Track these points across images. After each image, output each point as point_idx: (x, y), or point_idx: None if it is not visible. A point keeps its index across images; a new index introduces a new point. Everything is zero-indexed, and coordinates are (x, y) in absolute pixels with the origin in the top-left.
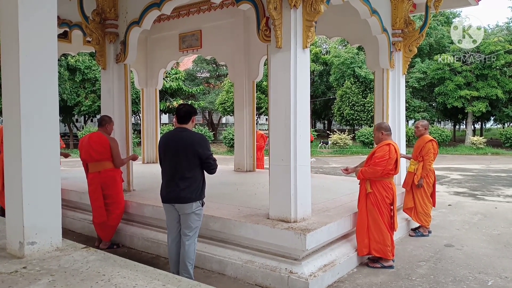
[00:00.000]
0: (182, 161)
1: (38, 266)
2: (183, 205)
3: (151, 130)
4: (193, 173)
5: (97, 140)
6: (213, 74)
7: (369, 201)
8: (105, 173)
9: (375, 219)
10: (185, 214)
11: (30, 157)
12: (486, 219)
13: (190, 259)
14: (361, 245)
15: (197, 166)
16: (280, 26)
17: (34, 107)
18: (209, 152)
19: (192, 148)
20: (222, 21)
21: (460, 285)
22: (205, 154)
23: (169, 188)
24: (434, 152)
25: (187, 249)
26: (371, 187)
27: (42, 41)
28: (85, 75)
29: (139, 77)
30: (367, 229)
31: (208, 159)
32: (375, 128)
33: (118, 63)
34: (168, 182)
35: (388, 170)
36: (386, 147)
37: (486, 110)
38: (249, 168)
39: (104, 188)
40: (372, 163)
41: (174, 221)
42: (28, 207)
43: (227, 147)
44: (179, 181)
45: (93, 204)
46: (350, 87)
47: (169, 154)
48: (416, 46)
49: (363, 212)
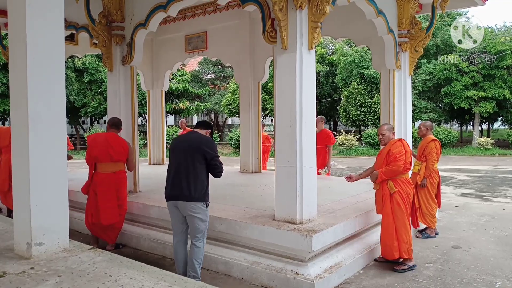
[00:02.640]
0: (188, 160)
1: (45, 267)
2: (185, 204)
3: (157, 131)
4: (197, 172)
5: (116, 140)
6: (218, 75)
7: (395, 201)
8: (120, 174)
9: (401, 220)
10: (190, 217)
11: (37, 158)
12: (494, 220)
13: (198, 258)
14: (391, 249)
15: (202, 166)
16: (285, 28)
17: (42, 108)
18: (215, 154)
19: (198, 148)
20: (228, 22)
21: (467, 287)
22: (211, 154)
23: (173, 186)
24: (437, 152)
25: (196, 249)
26: (395, 186)
27: (49, 43)
28: (92, 76)
29: (145, 78)
30: (395, 232)
31: (214, 160)
32: (384, 129)
33: (125, 65)
34: (172, 180)
35: (407, 164)
36: (398, 142)
37: (494, 111)
38: (255, 169)
39: (117, 189)
40: (392, 160)
41: (178, 222)
42: (35, 208)
43: (232, 148)
44: (184, 179)
45: (104, 205)
46: (357, 87)
47: (177, 152)
48: (423, 47)
49: (388, 215)
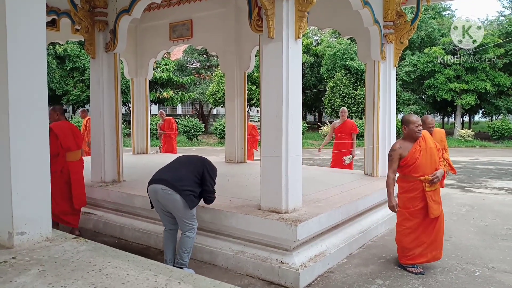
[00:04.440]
0: (184, 167)
1: (27, 256)
2: (165, 195)
3: (141, 120)
4: (189, 180)
5: (75, 128)
6: (203, 64)
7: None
8: (82, 160)
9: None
10: (178, 218)
11: (18, 146)
12: (474, 210)
13: (188, 247)
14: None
15: (196, 179)
16: (272, 16)
17: (23, 95)
18: (213, 180)
19: (201, 164)
20: (213, 10)
21: (448, 275)
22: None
23: (159, 173)
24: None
25: (186, 238)
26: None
27: (30, 28)
28: (74, 63)
29: (129, 66)
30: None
31: (210, 183)
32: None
33: (108, 52)
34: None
35: None
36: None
37: (475, 103)
38: (240, 160)
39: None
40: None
41: (163, 214)
42: (17, 196)
43: (217, 138)
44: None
45: (77, 191)
46: (341, 79)
47: (178, 160)
48: (408, 39)
49: (442, 214)
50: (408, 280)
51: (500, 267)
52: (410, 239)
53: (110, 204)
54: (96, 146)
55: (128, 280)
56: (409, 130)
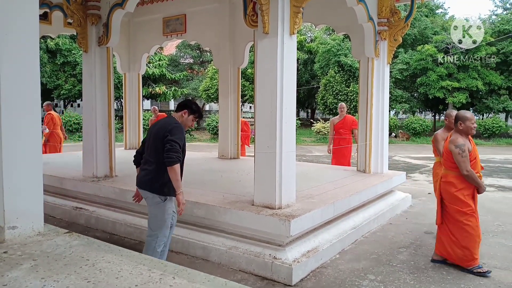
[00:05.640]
0: (151, 145)
1: (19, 251)
2: (143, 191)
3: (133, 116)
4: (157, 159)
5: None
6: (197, 60)
7: None
8: None
9: None
10: (148, 206)
11: (10, 139)
12: None
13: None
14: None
15: (161, 152)
16: (267, 12)
17: (15, 89)
18: (173, 138)
19: (162, 132)
20: (207, 5)
21: (439, 271)
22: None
23: (140, 172)
24: None
25: (146, 243)
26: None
27: (22, 20)
28: (65, 57)
29: (122, 61)
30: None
31: (168, 141)
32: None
33: (101, 46)
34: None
35: None
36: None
37: (466, 101)
38: (234, 156)
39: None
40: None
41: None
42: (8, 190)
43: (210, 134)
44: (144, 165)
45: None
46: (334, 76)
47: (147, 139)
48: (401, 36)
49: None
50: (400, 276)
51: (490, 263)
52: (477, 235)
53: (102, 199)
54: (88, 141)
55: (121, 274)
56: (465, 126)
